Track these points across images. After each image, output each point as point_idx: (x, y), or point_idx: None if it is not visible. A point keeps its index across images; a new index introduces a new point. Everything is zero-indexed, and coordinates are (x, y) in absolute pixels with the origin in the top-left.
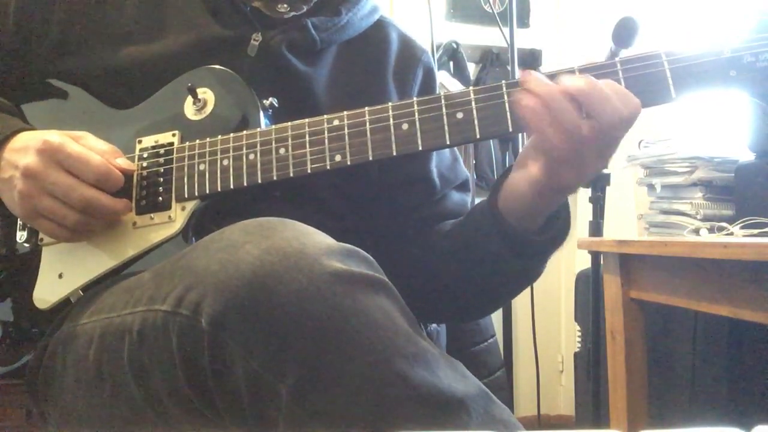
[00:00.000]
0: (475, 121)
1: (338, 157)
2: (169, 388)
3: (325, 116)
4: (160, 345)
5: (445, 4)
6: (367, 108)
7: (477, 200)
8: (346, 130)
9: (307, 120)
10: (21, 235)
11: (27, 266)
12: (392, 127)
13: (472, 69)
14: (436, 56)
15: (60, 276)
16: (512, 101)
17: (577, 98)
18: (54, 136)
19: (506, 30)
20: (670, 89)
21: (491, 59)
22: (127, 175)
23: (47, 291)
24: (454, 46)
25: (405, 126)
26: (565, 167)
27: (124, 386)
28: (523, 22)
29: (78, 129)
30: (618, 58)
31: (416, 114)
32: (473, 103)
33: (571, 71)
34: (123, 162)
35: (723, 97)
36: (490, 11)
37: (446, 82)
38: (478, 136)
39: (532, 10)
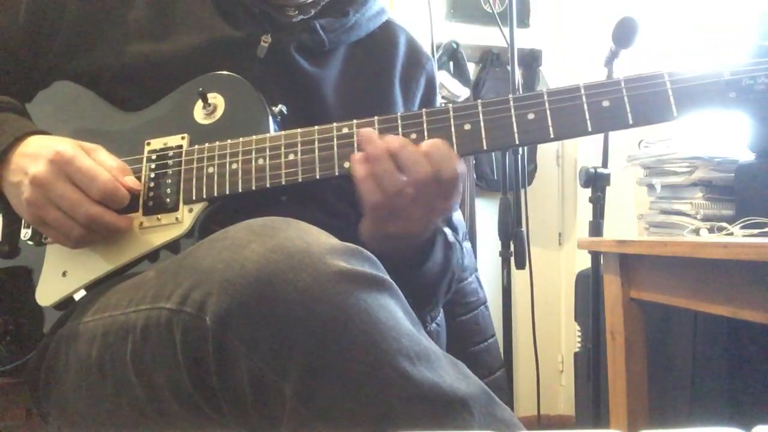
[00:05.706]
0: (482, 132)
1: (347, 164)
2: (172, 387)
3: (335, 124)
4: (164, 343)
5: (445, 4)
6: (376, 117)
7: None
8: (355, 138)
9: (316, 127)
10: (25, 233)
11: (31, 264)
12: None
13: (472, 69)
14: (436, 56)
15: (64, 274)
16: (348, 160)
17: (395, 156)
18: (67, 147)
19: (506, 30)
20: (671, 108)
21: (491, 59)
22: (135, 181)
23: (50, 288)
24: (454, 46)
25: (414, 136)
26: (389, 219)
27: (127, 385)
28: (523, 22)
29: (86, 130)
30: (622, 77)
31: (425, 125)
32: (481, 115)
33: (576, 89)
34: (131, 181)
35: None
36: (490, 11)
37: (446, 82)
38: (485, 147)
39: (532, 10)
